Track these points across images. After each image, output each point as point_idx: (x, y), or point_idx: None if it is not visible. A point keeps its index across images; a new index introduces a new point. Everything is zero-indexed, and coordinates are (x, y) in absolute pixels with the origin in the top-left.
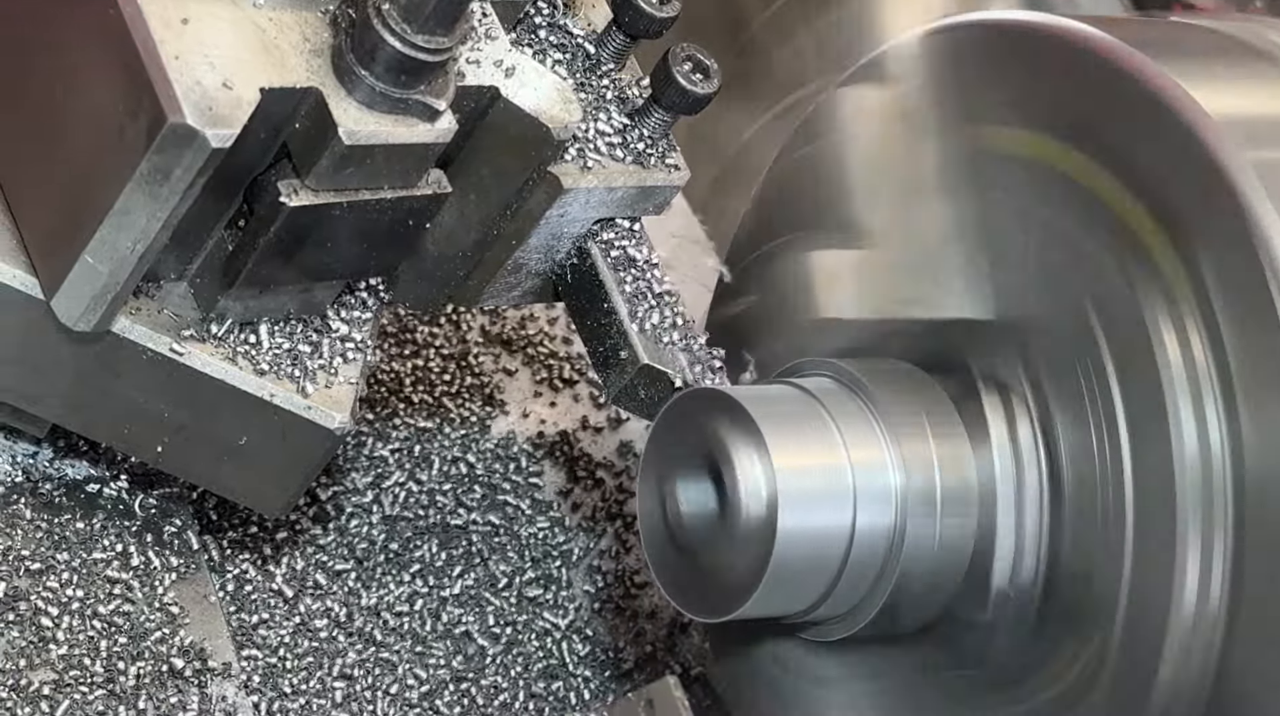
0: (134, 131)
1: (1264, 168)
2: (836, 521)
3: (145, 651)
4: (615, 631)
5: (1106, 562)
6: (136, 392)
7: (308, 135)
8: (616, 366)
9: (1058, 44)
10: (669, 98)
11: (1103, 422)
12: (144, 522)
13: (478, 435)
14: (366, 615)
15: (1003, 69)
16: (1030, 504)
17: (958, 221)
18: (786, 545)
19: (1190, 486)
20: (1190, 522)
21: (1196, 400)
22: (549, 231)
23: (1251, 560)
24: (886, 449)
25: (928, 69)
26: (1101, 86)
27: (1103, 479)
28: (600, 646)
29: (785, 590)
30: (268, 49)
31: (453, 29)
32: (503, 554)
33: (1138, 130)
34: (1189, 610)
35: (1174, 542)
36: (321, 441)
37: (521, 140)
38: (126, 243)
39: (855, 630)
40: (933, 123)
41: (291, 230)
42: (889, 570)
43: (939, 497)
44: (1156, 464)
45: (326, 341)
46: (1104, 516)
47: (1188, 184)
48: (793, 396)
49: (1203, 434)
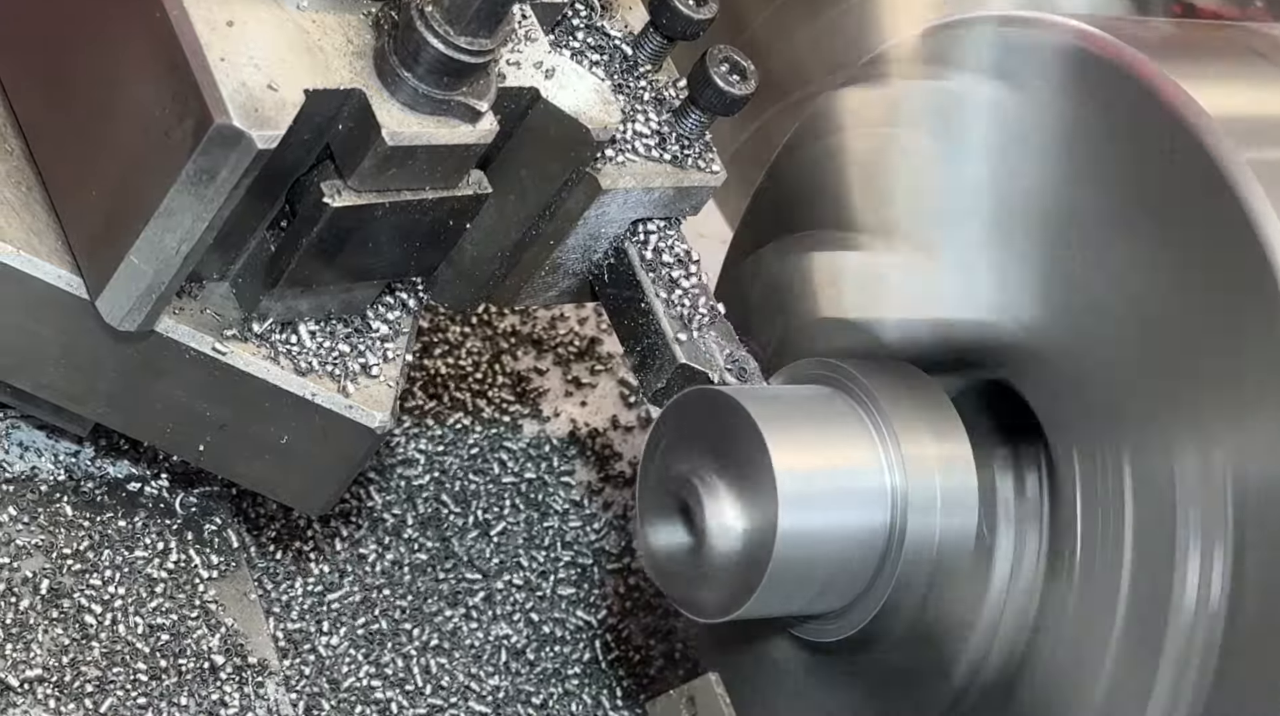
0: (180, 133)
1: (1263, 167)
2: (836, 521)
3: (186, 649)
4: (647, 629)
5: (1106, 562)
6: (179, 392)
7: (351, 136)
8: (654, 366)
9: (1058, 44)
10: (706, 99)
11: (1103, 422)
12: (185, 521)
13: (509, 433)
14: (402, 613)
15: (1002, 69)
16: (1030, 504)
17: (954, 223)
18: (786, 546)
19: (1190, 486)
20: (1190, 523)
21: (1197, 399)
22: (587, 232)
23: (1251, 560)
24: (886, 449)
25: (927, 68)
26: (1101, 86)
27: (1103, 478)
28: (632, 645)
29: (785, 590)
30: (311, 51)
31: (495, 31)
32: (536, 551)
33: (1138, 130)
34: (1189, 610)
35: (1174, 542)
36: (362, 440)
37: (561, 141)
38: (172, 243)
39: (855, 630)
40: (932, 122)
41: (334, 230)
42: (888, 570)
43: (939, 497)
44: (1156, 464)
45: (366, 341)
46: (1104, 516)
47: (1188, 184)
48: (793, 396)
49: (1203, 435)
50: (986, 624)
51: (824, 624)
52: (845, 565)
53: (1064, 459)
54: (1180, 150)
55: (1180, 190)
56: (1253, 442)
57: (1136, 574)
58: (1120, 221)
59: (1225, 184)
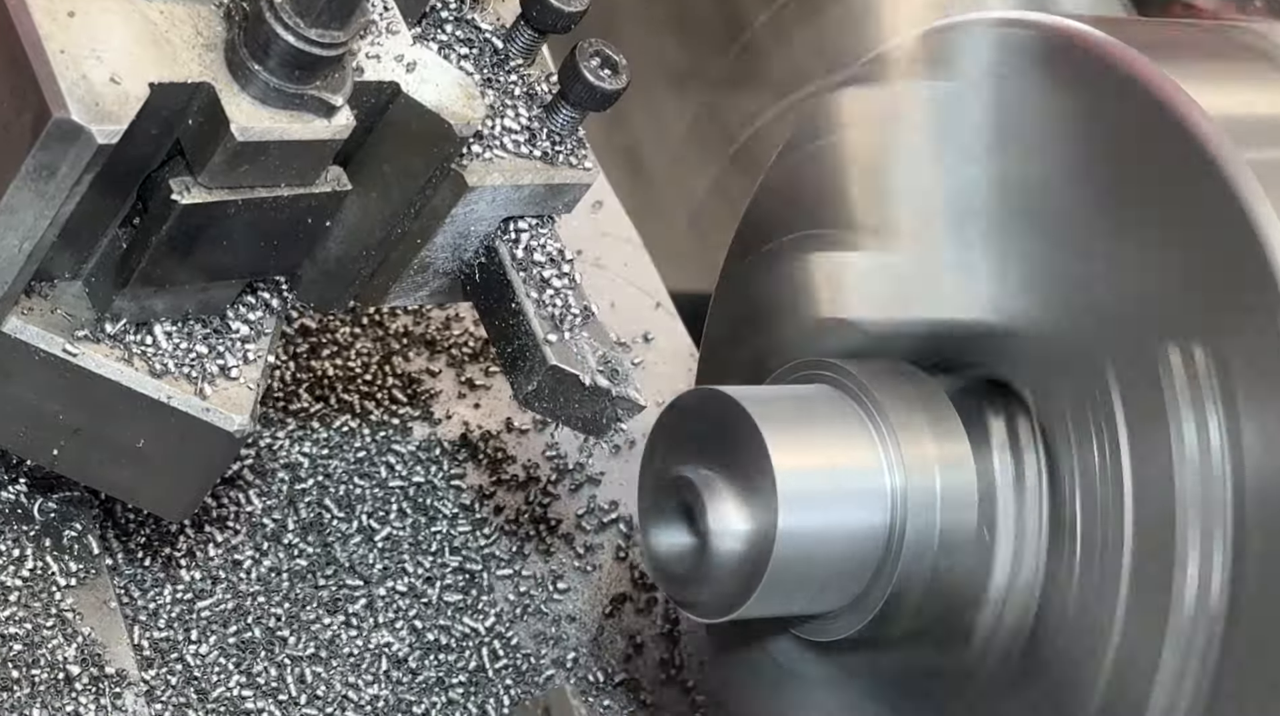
0: (18, 127)
1: (1263, 168)
2: (836, 521)
3: (40, 659)
4: (537, 637)
5: (1106, 562)
6: (30, 394)
7: (200, 131)
8: (525, 368)
9: (1057, 45)
10: (576, 94)
11: (1102, 422)
12: (42, 527)
13: (399, 436)
14: (279, 620)
15: (1001, 69)
16: (1030, 503)
17: (954, 223)
18: (786, 545)
19: (1190, 486)
20: (1190, 522)
21: (1196, 400)
22: (455, 230)
23: (1251, 560)
24: (886, 449)
25: (927, 69)
26: (1100, 87)
27: (1102, 478)
28: (522, 652)
29: (785, 590)
30: (158, 43)
31: (348, 23)
32: (423, 557)
33: (1138, 130)
34: (1189, 610)
35: (1174, 542)
36: (221, 444)
37: (423, 137)
38: (14, 242)
39: (855, 630)
40: (931, 123)
41: (185, 228)
42: (888, 570)
43: (939, 497)
44: (1156, 464)
45: (226, 342)
46: (1104, 517)
47: (1188, 184)
48: (793, 397)
49: (1203, 434)
50: (987, 623)
51: (824, 623)
52: (845, 565)
53: (1063, 454)
54: (1180, 150)
55: (1179, 190)
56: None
57: (1137, 567)
58: (1119, 220)
59: (1225, 184)
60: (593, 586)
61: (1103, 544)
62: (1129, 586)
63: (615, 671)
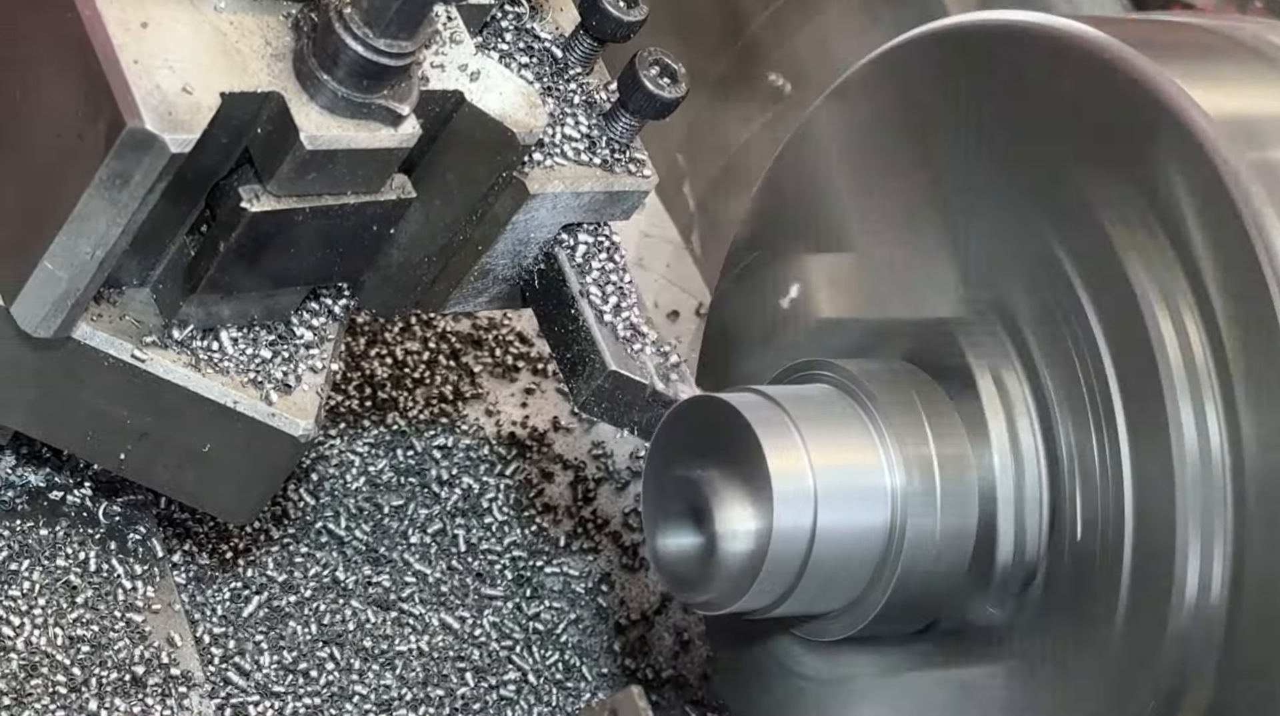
0: (93, 136)
1: (1264, 168)
2: (836, 521)
3: (107, 660)
4: (586, 633)
5: (1107, 561)
6: (98, 400)
7: (269, 140)
8: (584, 373)
9: (1057, 45)
10: (636, 102)
11: (1102, 422)
12: (107, 530)
13: (448, 435)
14: (333, 617)
15: (1000, 70)
16: (1030, 503)
17: (953, 223)
18: (782, 545)
19: (1190, 485)
20: (1190, 521)
21: (1196, 399)
22: (516, 237)
23: (1251, 559)
24: (886, 449)
25: (923, 71)
26: (1101, 87)
27: (1102, 478)
28: (571, 649)
29: (784, 590)
30: (229, 53)
31: (415, 33)
32: (472, 555)
33: (1137, 131)
34: (1189, 609)
35: (1174, 541)
36: (286, 448)
37: (486, 145)
38: (86, 248)
39: (856, 629)
40: (927, 124)
41: (253, 236)
42: (889, 569)
43: (939, 497)
44: (1156, 463)
45: (290, 348)
46: (1104, 516)
47: (1188, 184)
48: (793, 397)
49: (1202, 433)
50: (986, 623)
51: (825, 623)
52: (845, 565)
53: (1063, 454)
54: (1179, 150)
55: (1179, 190)
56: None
57: (1137, 567)
58: (1119, 220)
59: (1225, 184)
60: (639, 583)
61: (1103, 543)
62: (1129, 586)
63: (663, 667)
